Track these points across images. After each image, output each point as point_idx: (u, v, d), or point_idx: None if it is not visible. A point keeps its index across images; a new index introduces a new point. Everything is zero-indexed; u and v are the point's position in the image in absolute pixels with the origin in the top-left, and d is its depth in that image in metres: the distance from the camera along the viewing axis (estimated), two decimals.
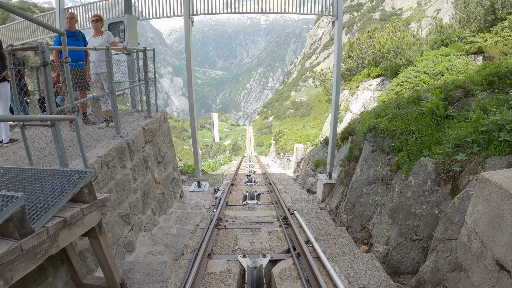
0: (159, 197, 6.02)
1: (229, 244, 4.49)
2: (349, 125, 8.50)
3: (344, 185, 7.26)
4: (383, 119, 6.29)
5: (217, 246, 4.42)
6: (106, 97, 5.94)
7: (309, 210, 6.51)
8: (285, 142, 21.08)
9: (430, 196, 4.62)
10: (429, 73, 10.61)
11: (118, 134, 4.92)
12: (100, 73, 5.77)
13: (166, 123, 6.70)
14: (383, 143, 6.01)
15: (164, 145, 6.46)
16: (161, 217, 6.00)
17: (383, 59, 11.95)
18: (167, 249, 4.69)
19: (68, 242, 2.51)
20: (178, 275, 3.62)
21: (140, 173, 5.24)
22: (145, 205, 5.38)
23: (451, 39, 12.15)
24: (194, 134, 7.62)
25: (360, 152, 6.59)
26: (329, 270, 3.40)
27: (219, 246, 4.41)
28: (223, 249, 4.33)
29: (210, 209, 6.59)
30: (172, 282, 3.46)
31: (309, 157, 12.48)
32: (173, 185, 6.99)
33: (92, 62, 5.73)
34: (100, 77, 5.81)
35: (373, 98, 12.10)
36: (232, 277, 3.51)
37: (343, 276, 3.47)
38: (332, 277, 3.26)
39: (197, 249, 4.20)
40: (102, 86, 5.89)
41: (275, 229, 5.02)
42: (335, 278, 3.21)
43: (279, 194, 7.37)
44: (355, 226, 6.17)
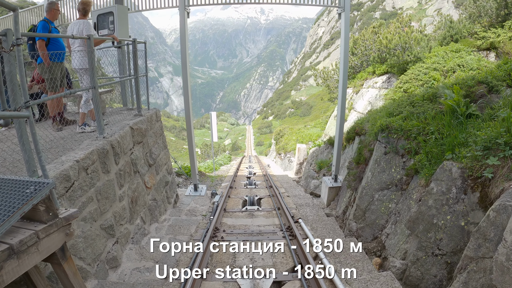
0: (150, 204, 5.47)
1: (227, 260, 3.93)
2: (356, 125, 7.94)
3: (352, 189, 6.70)
4: (396, 118, 5.73)
5: (212, 263, 3.86)
6: (86, 98, 5.26)
7: (314, 217, 5.96)
8: (286, 142, 20.51)
9: (455, 205, 4.06)
10: (439, 69, 10.04)
11: (101, 134, 4.36)
12: (85, 69, 5.13)
13: (158, 122, 6.14)
14: (397, 144, 5.45)
15: (156, 146, 5.90)
16: (152, 225, 5.44)
17: (389, 55, 11.39)
18: (156, 265, 4.13)
19: (17, 275, 1.94)
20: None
21: (127, 178, 4.69)
22: (133, 214, 4.82)
23: (461, 34, 11.59)
24: (190, 134, 7.06)
25: (371, 154, 6.03)
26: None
27: (215, 263, 3.85)
28: (220, 266, 3.78)
29: (206, 216, 6.03)
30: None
31: (312, 158, 11.93)
32: (167, 190, 6.43)
33: (77, 57, 5.11)
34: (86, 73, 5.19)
35: (379, 96, 11.54)
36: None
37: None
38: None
39: (190, 267, 3.64)
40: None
41: (278, 242, 4.45)
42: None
43: (282, 198, 6.82)
44: (365, 235, 5.61)
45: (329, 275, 3.38)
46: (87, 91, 4.99)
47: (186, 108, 6.67)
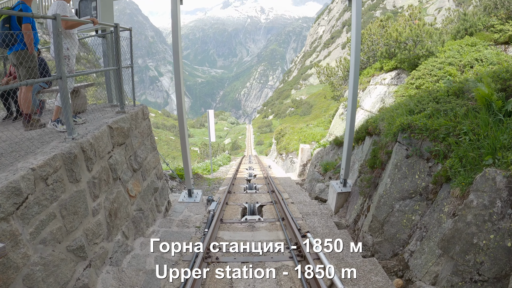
0: (135, 215, 4.71)
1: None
2: (369, 124, 7.19)
3: (365, 196, 5.95)
4: (418, 116, 4.97)
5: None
6: None
7: (324, 229, 5.21)
8: (287, 142, 19.73)
9: (500, 222, 3.31)
10: (455, 64, 9.28)
11: (70, 135, 3.60)
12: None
13: (146, 121, 5.38)
14: (421, 146, 4.69)
15: (142, 148, 5.14)
16: (137, 240, 4.69)
17: (399, 49, 10.61)
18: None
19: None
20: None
21: (104, 187, 3.93)
22: (112, 229, 4.07)
23: (476, 27, 10.81)
24: (183, 134, 6.29)
25: (388, 157, 5.27)
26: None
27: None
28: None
29: (201, 228, 5.28)
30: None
31: (317, 159, 11.17)
32: (156, 197, 5.68)
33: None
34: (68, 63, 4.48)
35: (388, 93, 10.78)
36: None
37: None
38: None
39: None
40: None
41: (285, 264, 3.71)
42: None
43: (285, 206, 6.06)
44: (384, 251, 4.86)
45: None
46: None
47: (178, 104, 5.91)
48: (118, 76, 4.76)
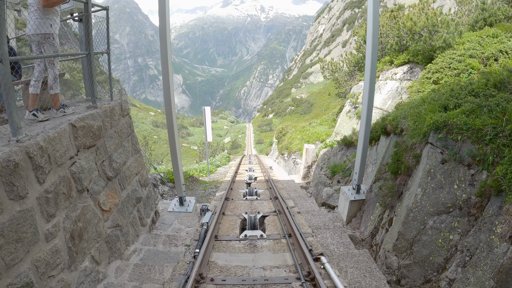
0: (109, 234, 3.84)
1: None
2: (384, 122, 6.32)
3: (386, 207, 5.07)
4: (454, 112, 4.10)
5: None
6: (39, 74, 3.83)
7: (339, 249, 4.35)
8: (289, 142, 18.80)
9: None
10: (477, 56, 8.41)
11: (15, 136, 2.74)
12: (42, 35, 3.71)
13: (125, 118, 4.50)
14: (460, 149, 3.83)
15: (120, 151, 4.27)
16: (112, 265, 3.82)
17: (412, 41, 9.72)
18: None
19: None
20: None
21: (63, 202, 3.06)
22: (75, 255, 3.20)
23: (497, 17, 9.93)
24: (172, 134, 5.41)
25: (417, 161, 4.40)
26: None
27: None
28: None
29: (191, 247, 4.41)
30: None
31: (323, 160, 10.30)
32: (140, 208, 4.81)
33: (33, 18, 3.64)
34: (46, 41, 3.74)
35: (401, 89, 9.90)
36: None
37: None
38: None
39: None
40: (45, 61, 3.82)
41: None
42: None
43: (292, 217, 5.20)
44: (413, 276, 3.99)
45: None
46: (53, 65, 3.82)
47: (166, 99, 5.02)
48: (88, 64, 3.88)
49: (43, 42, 3.77)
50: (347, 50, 19.95)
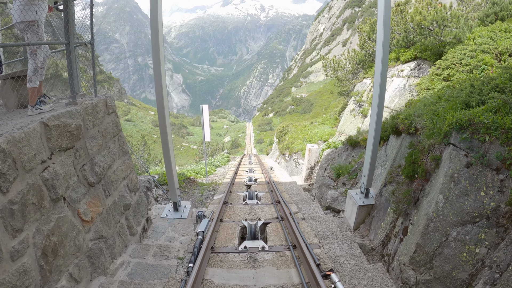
0: (91, 247, 3.39)
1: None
2: (395, 120, 5.86)
3: (400, 215, 4.62)
4: (479, 109, 3.66)
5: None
6: (34, 65, 3.42)
7: (350, 262, 3.91)
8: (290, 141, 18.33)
9: None
10: (490, 52, 7.95)
11: None
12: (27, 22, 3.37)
13: (111, 116, 4.05)
14: (487, 151, 3.38)
15: (105, 153, 3.82)
16: (94, 282, 3.38)
17: (421, 36, 9.27)
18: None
19: None
20: None
21: (33, 214, 2.62)
22: (49, 274, 2.76)
23: (509, 11, 9.48)
24: (165, 134, 4.95)
25: (436, 164, 3.95)
26: None
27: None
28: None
29: (184, 260, 3.96)
30: None
31: (327, 161, 9.85)
32: (128, 216, 4.36)
33: (18, 4, 3.25)
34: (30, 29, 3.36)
35: (408, 86, 9.45)
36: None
37: None
38: None
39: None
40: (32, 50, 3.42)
41: None
42: None
43: (296, 226, 4.75)
44: None
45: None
46: (35, 56, 3.44)
47: (158, 96, 4.57)
48: (68, 55, 3.43)
49: (26, 30, 3.38)
50: (348, 49, 19.48)
